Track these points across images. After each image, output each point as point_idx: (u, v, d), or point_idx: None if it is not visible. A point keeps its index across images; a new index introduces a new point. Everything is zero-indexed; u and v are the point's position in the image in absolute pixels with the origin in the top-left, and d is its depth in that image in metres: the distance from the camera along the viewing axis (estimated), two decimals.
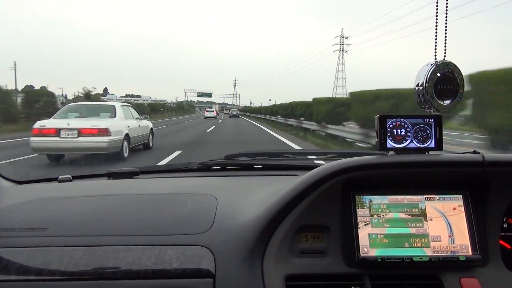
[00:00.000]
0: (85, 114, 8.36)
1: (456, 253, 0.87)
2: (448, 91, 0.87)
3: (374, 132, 0.90)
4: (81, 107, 9.13)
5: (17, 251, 0.86)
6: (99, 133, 7.26)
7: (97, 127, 7.31)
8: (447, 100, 0.87)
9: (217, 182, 1.37)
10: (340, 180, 0.88)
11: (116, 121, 7.95)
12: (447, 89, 0.87)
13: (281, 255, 0.87)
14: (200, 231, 0.90)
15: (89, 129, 7.25)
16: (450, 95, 0.87)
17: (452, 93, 0.87)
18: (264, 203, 0.94)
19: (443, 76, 0.87)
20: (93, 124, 7.38)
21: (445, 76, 0.87)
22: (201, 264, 0.83)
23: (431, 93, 0.86)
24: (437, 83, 0.86)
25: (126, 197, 1.13)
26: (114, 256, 0.85)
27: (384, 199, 0.90)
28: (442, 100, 0.87)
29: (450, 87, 0.87)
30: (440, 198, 0.91)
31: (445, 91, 0.87)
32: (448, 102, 0.88)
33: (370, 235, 0.88)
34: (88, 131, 7.24)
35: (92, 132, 7.24)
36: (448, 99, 0.87)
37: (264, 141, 13.24)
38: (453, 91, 0.87)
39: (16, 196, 1.17)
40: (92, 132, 7.24)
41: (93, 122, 7.50)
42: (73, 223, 0.96)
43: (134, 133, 8.57)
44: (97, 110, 8.64)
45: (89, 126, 7.33)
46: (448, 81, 0.87)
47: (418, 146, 0.87)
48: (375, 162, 0.87)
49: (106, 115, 8.20)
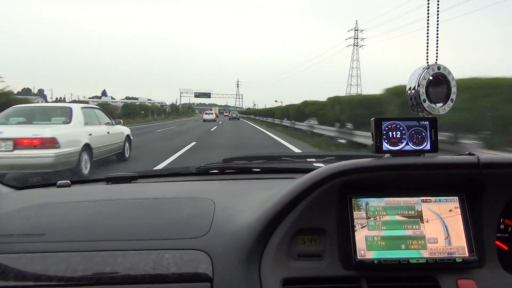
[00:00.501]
0: (32, 119, 6.58)
1: (452, 254, 0.87)
2: (440, 94, 0.88)
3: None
4: (29, 110, 7.08)
5: (15, 257, 0.86)
6: (42, 144, 5.39)
7: (39, 136, 5.42)
8: (439, 103, 0.88)
9: (215, 186, 1.37)
10: (336, 182, 0.88)
11: (70, 128, 6.23)
12: (439, 92, 0.88)
13: (279, 258, 0.87)
14: (197, 235, 0.90)
15: (28, 140, 5.36)
16: (442, 98, 0.88)
17: (444, 96, 0.88)
18: (261, 206, 0.94)
19: (435, 79, 0.87)
20: (35, 133, 5.49)
21: (437, 79, 0.87)
22: (198, 268, 0.84)
23: (422, 96, 0.87)
24: (429, 86, 0.87)
25: (124, 202, 1.13)
26: (112, 261, 0.84)
27: (380, 201, 0.90)
28: (434, 103, 0.88)
29: (442, 90, 0.88)
30: (436, 200, 0.91)
31: (437, 94, 0.88)
32: (440, 105, 0.88)
33: (367, 237, 0.88)
34: (28, 142, 5.35)
35: (32, 143, 5.37)
36: (439, 102, 0.88)
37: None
38: (445, 94, 0.88)
39: (14, 201, 1.16)
40: (32, 143, 5.37)
41: (36, 130, 5.64)
42: (71, 229, 0.95)
43: (99, 142, 6.87)
44: (48, 114, 6.78)
45: (29, 135, 5.43)
46: (440, 84, 0.88)
47: (414, 148, 0.88)
48: (371, 165, 0.88)
49: (59, 120, 6.46)
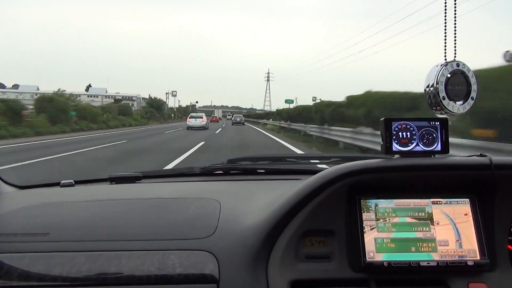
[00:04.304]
0: None
1: (464, 257, 0.86)
2: (460, 91, 0.86)
3: None
4: None
5: (19, 257, 0.85)
6: None
7: None
8: (459, 101, 0.86)
9: (220, 187, 1.36)
10: (345, 184, 0.87)
11: None
12: (458, 90, 0.85)
13: (286, 260, 0.86)
14: (203, 236, 0.89)
15: None
16: (462, 96, 0.86)
17: (464, 94, 0.86)
18: (268, 207, 0.93)
19: (454, 77, 0.85)
20: None
21: (456, 76, 0.85)
22: (204, 269, 0.83)
23: (442, 94, 0.85)
24: (448, 84, 0.85)
25: (129, 202, 1.12)
26: (117, 262, 0.84)
27: (390, 203, 0.89)
28: (454, 101, 0.86)
29: (462, 87, 0.85)
30: (447, 202, 0.90)
31: (456, 92, 0.85)
32: (460, 103, 0.86)
33: (376, 239, 0.87)
34: None
35: None
36: (459, 100, 0.86)
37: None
38: (465, 92, 0.86)
39: (18, 201, 1.16)
40: None
41: None
42: (75, 229, 0.95)
43: None
44: None
45: None
46: (459, 81, 0.85)
47: (424, 149, 0.87)
48: (381, 166, 0.86)
49: None
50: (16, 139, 15.23)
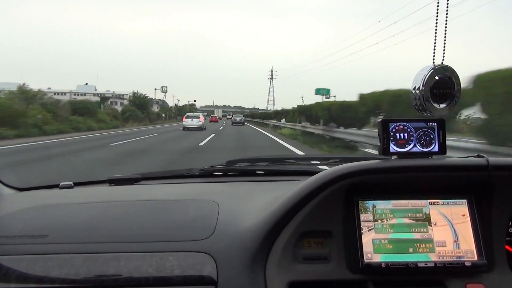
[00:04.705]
0: None
1: (461, 258, 0.86)
2: (445, 95, 0.87)
3: None
4: None
5: (17, 259, 0.85)
6: None
7: None
8: (443, 104, 0.88)
9: (219, 188, 1.36)
10: (343, 185, 0.87)
11: None
12: (443, 93, 0.87)
13: (284, 261, 0.86)
14: (201, 237, 0.89)
15: None
16: (446, 99, 0.88)
17: (448, 97, 0.88)
18: (266, 209, 0.93)
19: (441, 80, 0.87)
20: None
21: (442, 80, 0.87)
22: (202, 271, 0.83)
23: (427, 96, 0.87)
24: (434, 87, 0.87)
25: (127, 204, 1.12)
26: (115, 264, 0.84)
27: (387, 204, 0.90)
28: (438, 104, 0.88)
29: (447, 91, 0.87)
30: (444, 203, 0.90)
31: (441, 95, 0.87)
32: (443, 106, 0.88)
33: (374, 240, 0.87)
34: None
35: None
36: (443, 103, 0.88)
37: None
38: (450, 95, 0.88)
39: (16, 203, 1.16)
40: None
41: None
42: (74, 230, 0.95)
43: None
44: None
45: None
46: (445, 85, 0.87)
47: (422, 150, 0.87)
48: (378, 167, 0.87)
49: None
50: None
